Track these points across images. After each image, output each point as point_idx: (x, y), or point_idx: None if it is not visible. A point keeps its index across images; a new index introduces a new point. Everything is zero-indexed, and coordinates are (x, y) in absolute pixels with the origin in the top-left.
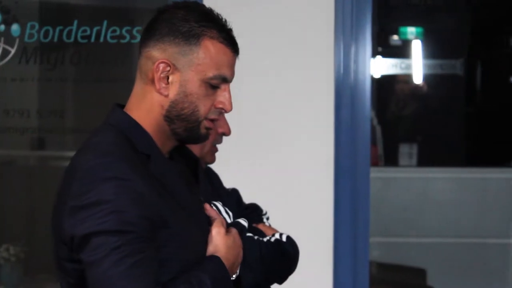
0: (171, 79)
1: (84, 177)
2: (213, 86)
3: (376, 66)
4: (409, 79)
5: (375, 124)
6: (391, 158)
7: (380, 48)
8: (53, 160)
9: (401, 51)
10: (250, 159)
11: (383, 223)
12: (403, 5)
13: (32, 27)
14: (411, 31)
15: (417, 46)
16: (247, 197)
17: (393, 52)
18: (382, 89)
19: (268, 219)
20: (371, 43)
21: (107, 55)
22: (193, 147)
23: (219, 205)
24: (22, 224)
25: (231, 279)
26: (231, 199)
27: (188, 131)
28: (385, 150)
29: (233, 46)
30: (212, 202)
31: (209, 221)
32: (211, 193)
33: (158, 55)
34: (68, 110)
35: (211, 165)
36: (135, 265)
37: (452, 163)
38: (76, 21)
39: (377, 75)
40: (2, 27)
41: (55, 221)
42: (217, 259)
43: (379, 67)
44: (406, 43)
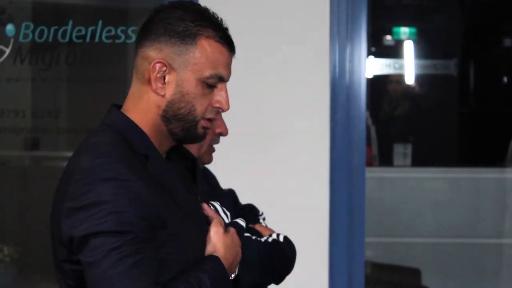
0: (167, 79)
1: (82, 178)
2: (209, 85)
3: (370, 66)
4: (403, 79)
5: (369, 124)
6: (385, 158)
7: (373, 48)
8: (47, 160)
9: (394, 51)
10: (245, 160)
11: (377, 223)
12: (397, 5)
13: (26, 27)
14: (405, 31)
15: (410, 46)
16: (243, 198)
17: (386, 52)
18: (376, 89)
19: (264, 219)
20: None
21: (102, 55)
22: (191, 147)
23: (217, 205)
24: (16, 224)
25: (230, 278)
26: (227, 199)
27: (185, 131)
28: (379, 150)
29: (229, 45)
30: (210, 202)
31: (207, 221)
32: (209, 193)
33: (154, 55)
34: (62, 110)
35: (207, 165)
36: (134, 266)
37: (446, 163)
38: (71, 21)
39: (371, 76)
40: None
41: (53, 222)
42: (216, 259)
43: (373, 67)
44: (399, 43)
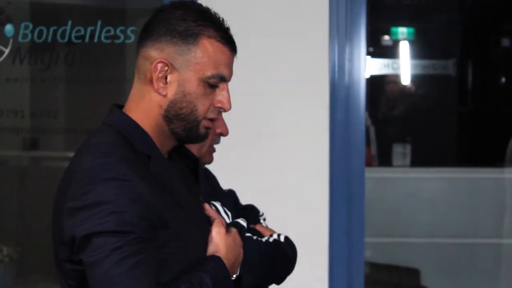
0: (169, 78)
1: (83, 178)
2: (211, 85)
3: (368, 66)
4: (402, 80)
5: (368, 124)
6: (384, 158)
7: (371, 48)
8: (46, 160)
9: (392, 51)
10: (245, 160)
11: (376, 224)
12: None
13: (26, 27)
14: (403, 31)
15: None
16: (243, 198)
17: (385, 52)
18: (375, 90)
19: (265, 220)
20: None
21: (101, 55)
22: (192, 147)
23: (218, 205)
24: (15, 224)
25: (232, 279)
26: (228, 199)
27: (187, 131)
28: (378, 150)
29: (230, 45)
30: (211, 202)
31: (208, 221)
32: (209, 193)
33: (156, 55)
34: (61, 110)
35: (208, 166)
36: (136, 266)
37: (445, 163)
38: (70, 21)
39: (369, 75)
40: None
41: (54, 222)
42: (217, 259)
43: (372, 67)
44: (397, 43)
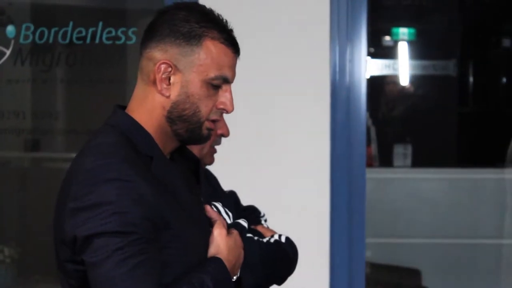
0: (172, 80)
1: (84, 178)
2: (214, 86)
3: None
4: (402, 80)
5: (369, 124)
6: (385, 159)
7: (372, 49)
8: (48, 161)
9: (393, 52)
10: (245, 160)
11: (377, 224)
12: (395, 5)
13: (27, 29)
14: (403, 31)
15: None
16: (243, 198)
17: (385, 53)
18: (375, 90)
19: (266, 221)
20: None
21: (102, 56)
22: (193, 148)
23: (219, 206)
24: (16, 225)
25: (232, 280)
26: (229, 200)
27: (189, 132)
28: (379, 151)
29: (234, 46)
30: (212, 203)
31: (209, 222)
32: (210, 194)
33: (159, 56)
34: (63, 111)
35: (208, 166)
36: (137, 266)
37: (445, 163)
38: (71, 22)
39: (370, 76)
40: None
41: (56, 222)
42: (218, 260)
43: (372, 68)
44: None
